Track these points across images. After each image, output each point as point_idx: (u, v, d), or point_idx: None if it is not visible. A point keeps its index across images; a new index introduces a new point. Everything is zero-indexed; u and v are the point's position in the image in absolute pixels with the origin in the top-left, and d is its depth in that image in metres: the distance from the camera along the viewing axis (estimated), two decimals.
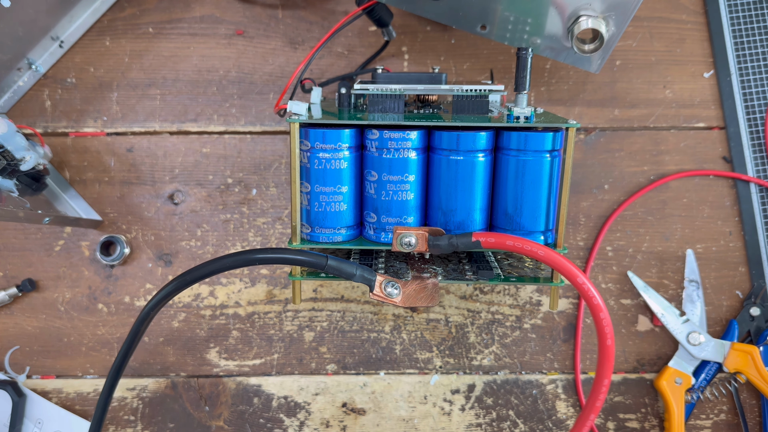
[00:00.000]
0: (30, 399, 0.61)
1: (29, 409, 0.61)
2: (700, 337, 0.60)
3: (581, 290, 0.41)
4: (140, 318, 0.46)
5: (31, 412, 0.61)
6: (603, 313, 0.42)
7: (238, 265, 0.43)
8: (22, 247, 0.62)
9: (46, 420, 0.61)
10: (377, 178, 0.47)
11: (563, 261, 0.42)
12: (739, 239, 0.62)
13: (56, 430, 0.61)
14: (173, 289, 0.44)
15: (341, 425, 0.63)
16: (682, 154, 0.62)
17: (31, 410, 0.61)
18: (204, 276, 0.43)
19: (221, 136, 0.62)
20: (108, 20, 0.61)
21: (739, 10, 0.61)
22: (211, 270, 0.43)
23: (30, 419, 0.61)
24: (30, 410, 0.61)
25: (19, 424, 0.60)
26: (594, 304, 0.42)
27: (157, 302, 0.45)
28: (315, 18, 0.62)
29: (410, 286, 0.45)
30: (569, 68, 0.62)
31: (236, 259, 0.43)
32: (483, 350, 0.63)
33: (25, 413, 0.61)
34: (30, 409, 0.61)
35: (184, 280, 0.43)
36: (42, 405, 0.61)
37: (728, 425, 0.62)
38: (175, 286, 0.44)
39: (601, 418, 0.63)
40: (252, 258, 0.43)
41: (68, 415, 0.61)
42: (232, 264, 0.43)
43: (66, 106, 0.62)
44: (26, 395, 0.61)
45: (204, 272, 0.43)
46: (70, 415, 0.61)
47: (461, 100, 0.48)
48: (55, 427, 0.61)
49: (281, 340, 0.63)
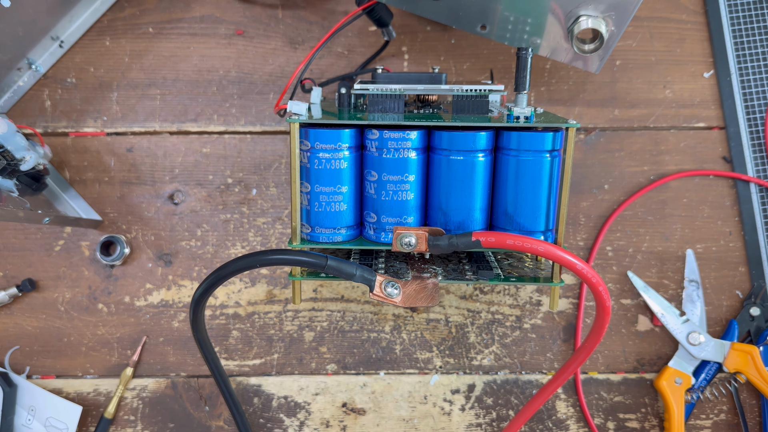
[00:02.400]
0: (21, 388, 0.61)
1: (21, 398, 0.61)
2: (700, 337, 0.60)
3: (583, 276, 0.42)
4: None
5: (23, 400, 0.61)
6: (605, 295, 0.43)
7: (242, 269, 0.44)
8: (22, 247, 0.62)
9: (39, 407, 0.61)
10: (377, 178, 0.47)
11: (562, 253, 0.42)
12: (739, 239, 0.62)
13: (49, 415, 0.61)
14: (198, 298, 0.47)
15: (341, 425, 0.63)
16: (682, 154, 0.62)
17: (23, 398, 0.61)
18: (210, 290, 0.46)
19: (221, 136, 0.62)
20: (108, 20, 0.61)
21: (739, 10, 0.61)
22: (217, 279, 0.45)
23: (23, 407, 0.61)
24: (22, 398, 0.61)
25: (11, 414, 0.60)
26: (597, 290, 0.43)
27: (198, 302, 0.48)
28: (315, 18, 0.61)
29: (410, 286, 0.45)
30: (569, 68, 0.62)
31: (239, 265, 0.44)
32: (483, 350, 0.63)
33: (18, 402, 0.61)
34: (22, 397, 0.61)
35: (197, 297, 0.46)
36: (34, 392, 0.61)
37: (728, 425, 0.62)
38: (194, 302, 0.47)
39: (601, 418, 0.63)
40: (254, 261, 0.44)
41: (60, 401, 0.61)
42: (235, 270, 0.44)
43: (66, 106, 0.62)
44: (17, 385, 0.61)
45: (211, 284, 0.45)
46: (62, 400, 0.61)
47: (461, 100, 0.48)
48: (48, 413, 0.61)
49: (281, 340, 0.63)
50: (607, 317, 0.44)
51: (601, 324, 0.45)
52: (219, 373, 0.55)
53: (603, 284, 0.43)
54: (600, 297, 0.43)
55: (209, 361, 0.54)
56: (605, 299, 0.43)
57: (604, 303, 0.44)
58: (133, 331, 0.62)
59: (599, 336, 0.46)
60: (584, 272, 0.42)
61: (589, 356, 0.50)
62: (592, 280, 0.42)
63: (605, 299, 0.43)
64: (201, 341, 0.51)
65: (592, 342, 0.46)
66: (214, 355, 0.54)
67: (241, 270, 0.44)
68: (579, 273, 0.42)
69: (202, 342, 0.52)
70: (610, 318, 0.45)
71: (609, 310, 0.44)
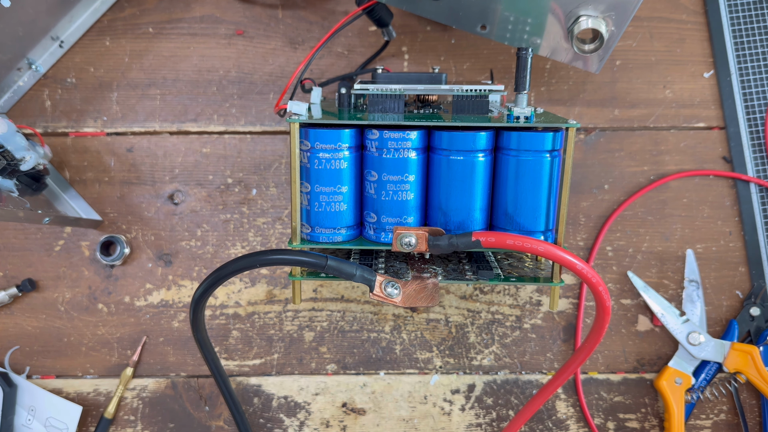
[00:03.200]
0: (21, 388, 0.61)
1: (21, 398, 0.61)
2: (700, 337, 0.60)
3: (583, 277, 0.42)
4: None
5: (23, 400, 0.61)
6: (605, 295, 0.44)
7: (242, 269, 0.44)
8: (22, 247, 0.62)
9: (39, 407, 0.61)
10: (377, 178, 0.47)
11: (562, 253, 0.42)
12: (739, 239, 0.62)
13: (49, 416, 0.61)
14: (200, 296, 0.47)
15: (341, 425, 0.63)
16: (682, 154, 0.62)
17: (23, 398, 0.61)
18: (210, 290, 0.46)
19: (221, 136, 0.62)
20: (108, 20, 0.61)
21: (739, 10, 0.61)
22: (217, 279, 0.45)
23: (23, 407, 0.61)
24: (22, 398, 0.61)
25: (11, 414, 0.60)
26: (597, 290, 0.43)
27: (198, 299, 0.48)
28: (315, 18, 0.61)
29: (410, 286, 0.45)
30: (569, 68, 0.62)
31: (240, 264, 0.44)
32: (483, 350, 0.63)
33: (18, 402, 0.61)
34: (22, 397, 0.61)
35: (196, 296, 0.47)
36: (33, 392, 0.61)
37: (728, 425, 0.62)
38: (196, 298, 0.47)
39: (601, 418, 0.63)
40: (254, 261, 0.44)
41: (60, 401, 0.61)
42: (235, 270, 0.44)
43: (66, 106, 0.62)
44: (17, 385, 0.61)
45: (211, 284, 0.45)
46: (62, 400, 0.61)
47: (461, 100, 0.48)
48: (48, 413, 0.61)
49: (281, 340, 0.63)
50: (607, 317, 0.44)
51: (601, 324, 0.45)
52: (219, 373, 0.55)
53: (603, 284, 0.43)
54: (600, 297, 0.43)
55: (209, 361, 0.54)
56: (605, 299, 0.43)
57: (604, 303, 0.44)
58: (133, 331, 0.62)
59: (599, 336, 0.46)
60: (584, 272, 0.42)
61: (589, 356, 0.50)
62: (592, 280, 0.42)
63: (605, 299, 0.43)
64: (201, 341, 0.51)
65: (592, 342, 0.46)
66: (214, 355, 0.54)
67: (241, 270, 0.44)
68: (579, 273, 0.42)
69: (202, 342, 0.52)
70: (610, 318, 0.45)
71: (609, 310, 0.44)
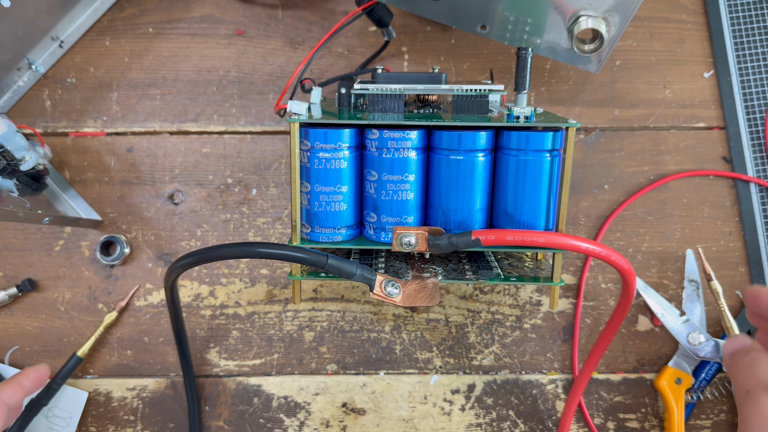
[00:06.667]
0: (6, 374, 0.61)
1: None
2: (700, 337, 0.60)
3: (591, 254, 0.42)
4: None
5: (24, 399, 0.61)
6: (621, 260, 0.44)
7: (238, 255, 0.44)
8: (22, 247, 0.62)
9: None
10: (377, 177, 0.47)
11: (564, 238, 0.42)
12: (739, 239, 0.62)
13: (51, 406, 0.61)
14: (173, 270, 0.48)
15: (341, 425, 0.63)
16: (682, 154, 0.62)
17: None
18: (201, 261, 0.45)
19: (221, 136, 0.62)
20: (108, 20, 0.61)
21: (739, 10, 0.61)
22: (210, 256, 0.44)
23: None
24: None
25: None
26: (611, 260, 0.43)
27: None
28: (315, 18, 0.62)
29: (410, 285, 0.45)
30: (569, 68, 0.62)
31: (237, 250, 0.44)
32: (483, 350, 0.63)
33: None
34: None
35: (180, 264, 0.46)
36: None
37: (728, 425, 0.62)
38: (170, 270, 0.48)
39: (601, 418, 0.63)
40: (253, 251, 0.43)
41: (65, 387, 0.61)
42: (232, 253, 0.44)
43: (66, 106, 0.62)
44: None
45: (202, 257, 0.45)
46: (67, 387, 0.61)
47: (461, 99, 0.48)
48: (50, 404, 0.61)
49: (281, 340, 0.63)
50: (633, 280, 0.45)
51: (629, 290, 0.45)
52: (183, 343, 0.58)
53: (614, 252, 0.43)
54: (616, 265, 0.43)
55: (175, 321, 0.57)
56: (622, 264, 0.43)
57: (622, 268, 0.44)
58: (133, 331, 0.62)
59: (628, 302, 0.46)
60: (591, 250, 0.42)
61: (619, 327, 0.51)
62: (601, 254, 0.42)
63: (622, 264, 0.43)
64: (173, 301, 0.54)
65: (622, 308, 0.47)
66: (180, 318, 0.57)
67: (237, 256, 0.44)
68: (585, 252, 0.42)
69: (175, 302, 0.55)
70: (635, 283, 0.46)
71: (632, 272, 0.44)
